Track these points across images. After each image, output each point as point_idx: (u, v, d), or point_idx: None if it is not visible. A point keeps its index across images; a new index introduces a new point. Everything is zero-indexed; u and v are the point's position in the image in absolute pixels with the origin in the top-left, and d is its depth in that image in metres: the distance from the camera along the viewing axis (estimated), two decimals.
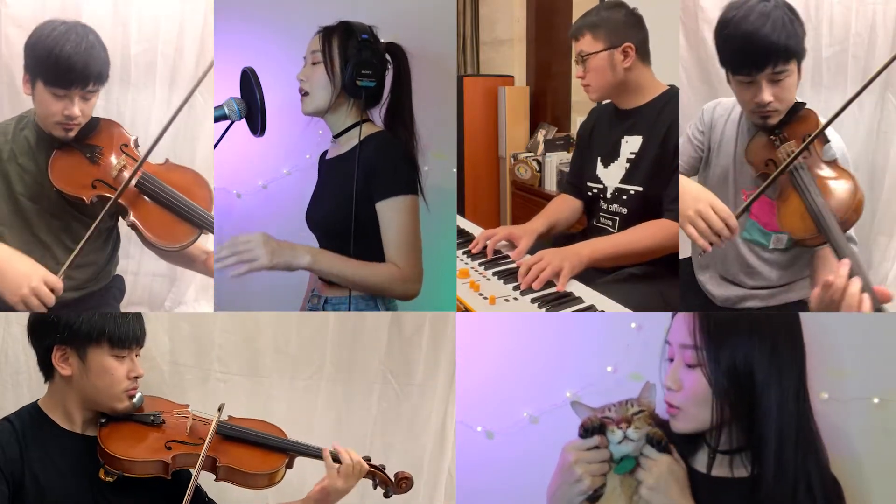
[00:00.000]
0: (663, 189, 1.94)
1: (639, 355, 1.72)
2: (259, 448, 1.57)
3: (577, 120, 3.63)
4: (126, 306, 2.17)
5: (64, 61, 1.67)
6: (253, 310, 2.04)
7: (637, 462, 1.26)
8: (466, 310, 1.79)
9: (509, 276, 1.89)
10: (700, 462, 1.32)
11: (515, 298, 1.78)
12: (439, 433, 2.03)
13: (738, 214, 1.62)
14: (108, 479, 1.43)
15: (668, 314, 1.34)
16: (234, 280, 1.69)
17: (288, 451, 1.58)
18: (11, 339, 1.94)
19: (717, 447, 1.27)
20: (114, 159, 1.82)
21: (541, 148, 3.73)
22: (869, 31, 2.43)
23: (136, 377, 1.48)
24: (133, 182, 1.78)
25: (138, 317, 1.50)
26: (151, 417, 1.52)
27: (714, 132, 1.94)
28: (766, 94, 1.64)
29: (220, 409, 1.53)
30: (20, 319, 1.92)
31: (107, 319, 1.45)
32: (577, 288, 1.80)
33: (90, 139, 1.82)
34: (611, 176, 2.08)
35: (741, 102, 1.76)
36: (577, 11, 3.41)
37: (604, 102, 2.21)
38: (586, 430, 1.28)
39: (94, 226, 1.72)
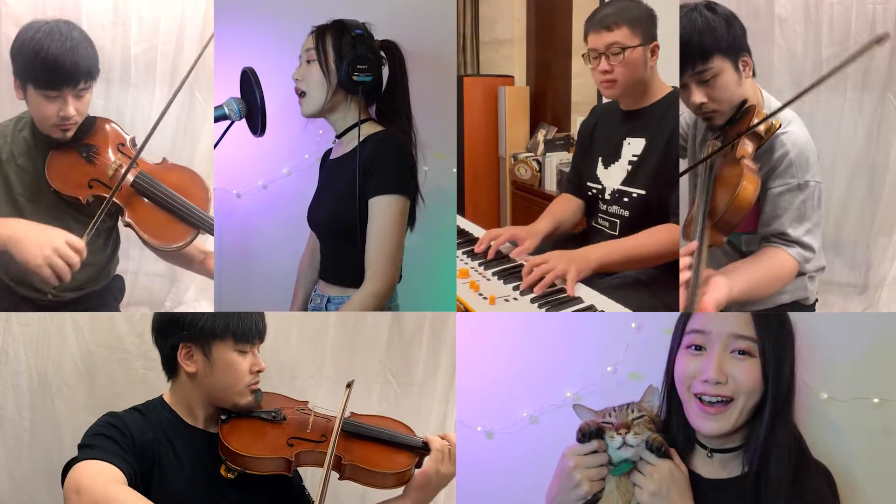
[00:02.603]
0: (667, 193, 1.93)
1: (639, 355, 1.72)
2: (386, 446, 1.54)
3: (577, 120, 3.62)
4: (126, 306, 2.17)
5: (51, 62, 1.66)
6: (253, 310, 2.03)
7: (634, 465, 1.26)
8: (466, 310, 1.79)
9: (509, 276, 1.89)
10: (696, 464, 1.32)
11: (515, 298, 1.78)
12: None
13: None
14: (230, 475, 1.43)
15: (669, 314, 1.34)
16: (234, 280, 1.68)
17: (418, 449, 1.55)
18: (11, 339, 1.93)
19: (739, 446, 1.27)
20: (110, 158, 1.82)
21: (541, 148, 3.73)
22: (869, 31, 2.43)
23: (258, 371, 1.50)
24: (130, 180, 1.77)
25: (259, 314, 1.51)
26: (273, 414, 1.52)
27: (698, 126, 1.96)
28: (697, 96, 1.68)
29: (343, 408, 1.49)
30: (20, 319, 1.92)
31: (229, 316, 1.47)
32: (578, 288, 1.80)
33: (87, 138, 1.81)
34: (611, 177, 2.07)
35: (689, 108, 1.77)
36: (577, 11, 3.41)
37: (605, 101, 2.20)
38: (584, 435, 1.28)
39: (91, 225, 1.70)
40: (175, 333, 1.47)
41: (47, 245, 1.61)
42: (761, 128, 1.63)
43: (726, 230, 1.60)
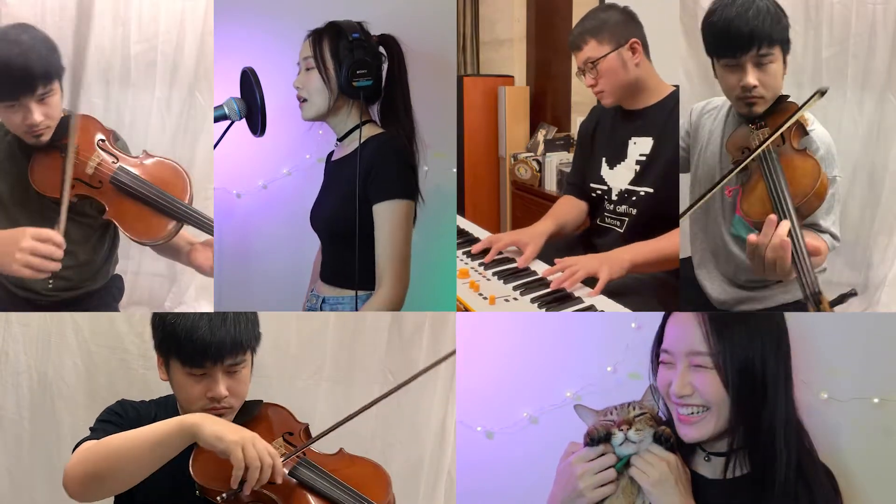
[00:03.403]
0: (675, 191, 1.93)
1: (639, 355, 1.71)
2: None
3: (577, 120, 3.62)
4: (126, 306, 2.17)
5: (2, 73, 1.60)
6: (253, 310, 2.04)
7: (630, 460, 1.26)
8: (466, 310, 1.79)
9: (509, 276, 1.89)
10: (697, 465, 1.32)
11: (515, 298, 1.78)
12: (439, 433, 2.03)
13: (713, 188, 1.66)
14: (199, 493, 1.32)
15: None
16: (234, 280, 1.68)
17: None
18: (11, 339, 1.93)
19: (733, 449, 1.27)
20: (90, 156, 1.78)
21: (541, 148, 3.73)
22: (869, 31, 2.43)
23: (213, 398, 1.37)
24: (109, 177, 1.76)
25: (226, 324, 1.37)
26: None
27: (701, 131, 1.94)
28: (752, 77, 1.67)
29: (298, 450, 1.37)
30: (20, 319, 1.92)
31: (179, 329, 1.35)
32: (578, 289, 1.80)
33: (66, 138, 1.77)
34: (617, 177, 2.06)
35: (727, 90, 1.76)
36: (577, 11, 3.40)
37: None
38: (592, 440, 1.27)
39: (62, 219, 1.63)
40: (153, 337, 1.44)
41: (14, 248, 1.55)
42: (805, 124, 1.69)
43: (804, 216, 1.63)
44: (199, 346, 1.35)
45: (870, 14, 2.42)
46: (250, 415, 1.47)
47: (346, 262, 1.76)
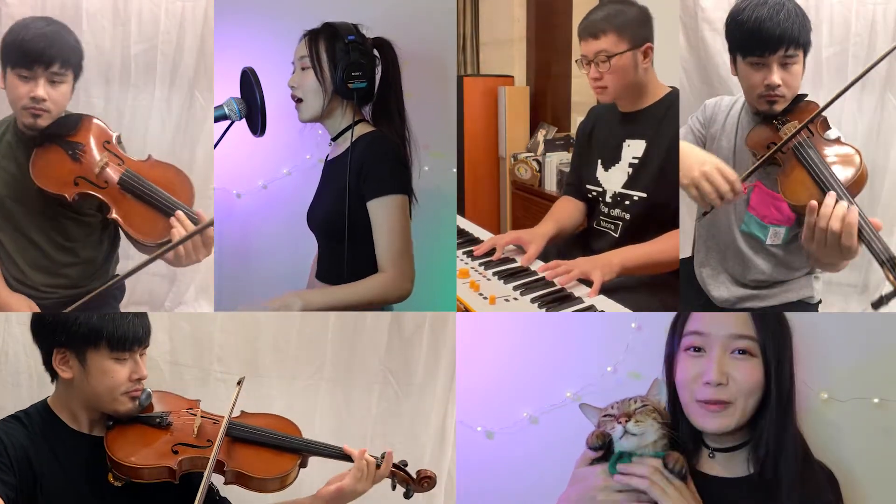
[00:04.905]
0: (669, 196, 1.93)
1: (639, 355, 1.72)
2: (270, 449, 1.52)
3: (577, 120, 3.62)
4: (126, 306, 2.17)
5: (26, 43, 1.71)
6: (252, 309, 2.04)
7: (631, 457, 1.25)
8: (466, 310, 1.79)
9: (509, 276, 1.90)
10: (703, 464, 1.32)
11: (515, 298, 1.78)
12: (439, 433, 2.03)
13: (746, 177, 1.67)
14: (118, 483, 1.39)
15: (668, 314, 1.34)
16: (234, 279, 1.69)
17: (301, 451, 1.53)
18: (11, 339, 1.93)
19: (738, 445, 1.27)
20: (96, 156, 1.81)
21: (541, 148, 3.73)
22: (869, 31, 2.43)
23: (139, 379, 1.44)
24: (116, 178, 1.78)
25: (140, 316, 1.46)
26: (158, 419, 1.47)
27: (713, 126, 1.94)
28: (776, 77, 1.70)
29: (231, 409, 1.48)
30: (20, 319, 1.92)
31: (105, 321, 1.41)
32: (578, 288, 1.80)
33: (72, 136, 1.80)
34: (611, 180, 2.06)
35: (749, 88, 1.77)
36: (577, 11, 3.41)
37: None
38: (591, 448, 1.28)
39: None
40: (49, 338, 1.43)
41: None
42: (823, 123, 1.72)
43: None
44: (131, 331, 1.42)
45: (870, 14, 2.42)
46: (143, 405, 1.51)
47: (342, 259, 1.76)
